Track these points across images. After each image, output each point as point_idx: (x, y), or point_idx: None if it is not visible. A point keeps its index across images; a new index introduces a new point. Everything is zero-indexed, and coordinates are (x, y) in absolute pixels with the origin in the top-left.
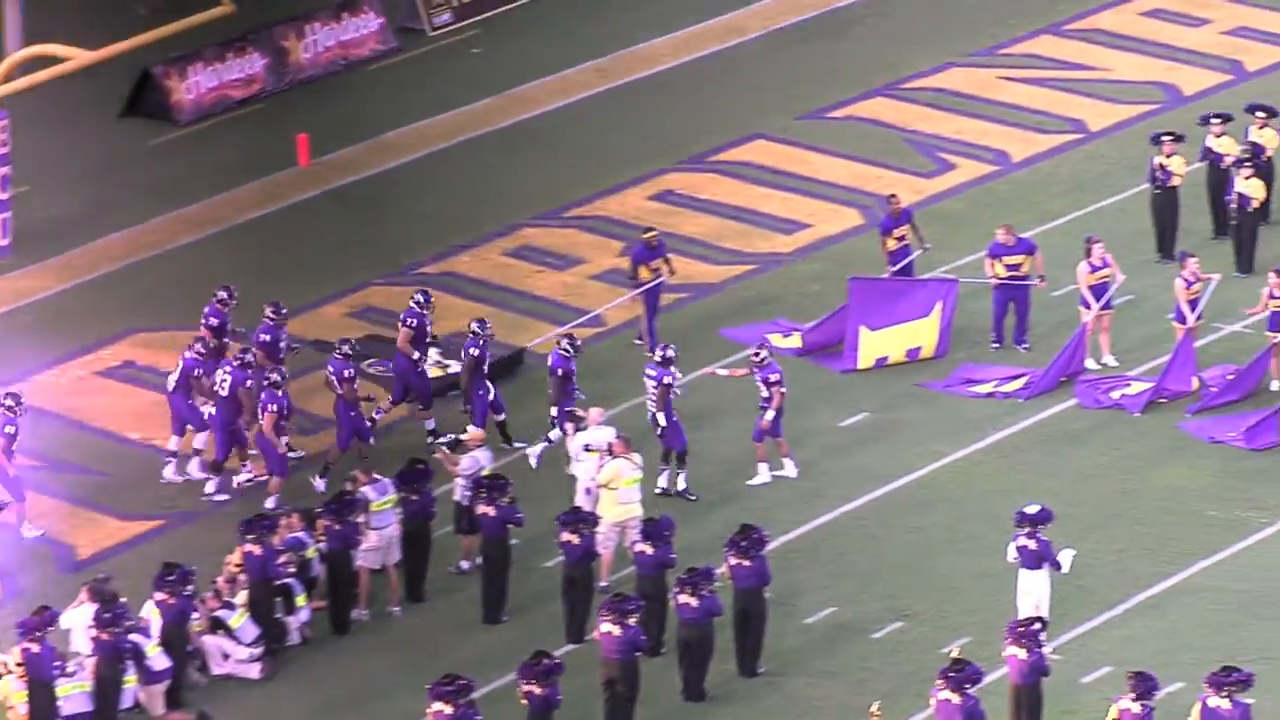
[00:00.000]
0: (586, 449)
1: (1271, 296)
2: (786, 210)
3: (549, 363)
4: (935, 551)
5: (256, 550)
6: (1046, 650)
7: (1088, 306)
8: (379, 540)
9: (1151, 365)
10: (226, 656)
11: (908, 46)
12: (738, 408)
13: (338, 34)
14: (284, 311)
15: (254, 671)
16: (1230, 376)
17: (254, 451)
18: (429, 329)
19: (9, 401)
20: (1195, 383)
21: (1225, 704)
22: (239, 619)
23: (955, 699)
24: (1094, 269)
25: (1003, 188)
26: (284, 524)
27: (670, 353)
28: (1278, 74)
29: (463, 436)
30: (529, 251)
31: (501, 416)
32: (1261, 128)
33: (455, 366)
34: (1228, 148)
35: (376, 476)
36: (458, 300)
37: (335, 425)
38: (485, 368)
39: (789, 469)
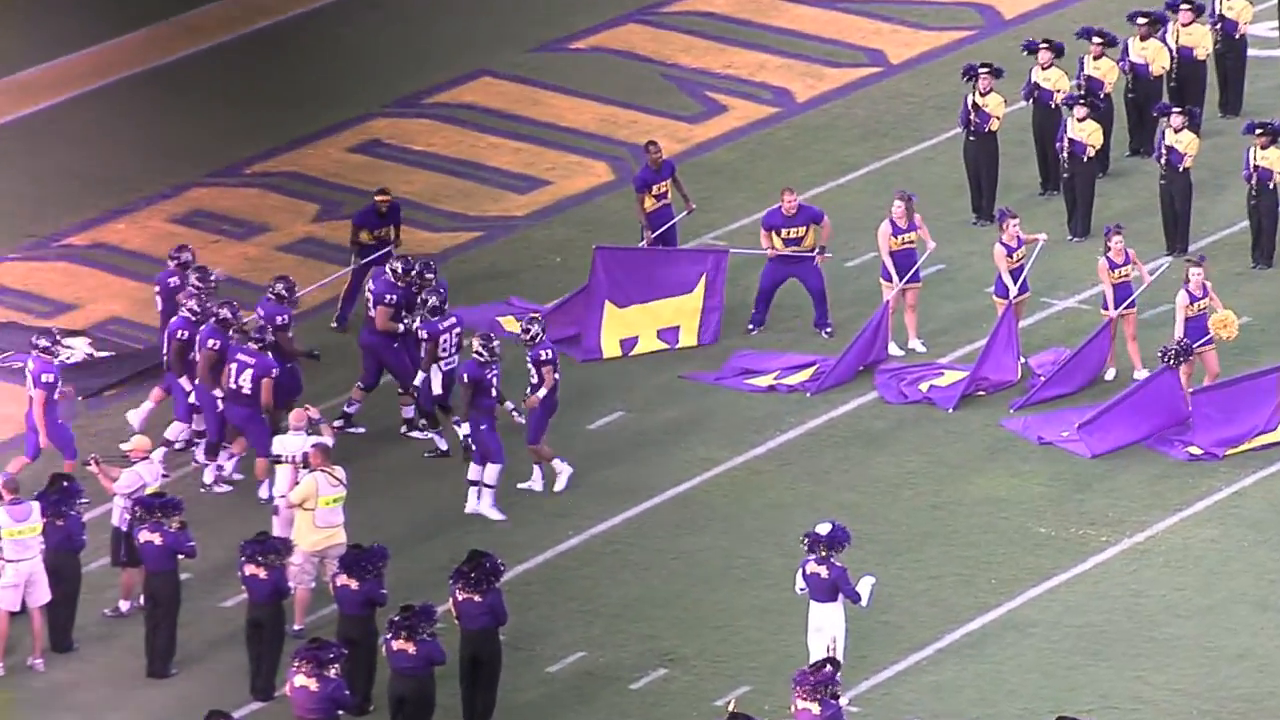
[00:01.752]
0: (276, 460)
1: (1111, 266)
2: (520, 163)
3: (459, 371)
4: (706, 581)
5: None
6: (843, 701)
7: (891, 279)
8: (17, 576)
9: (967, 350)
10: None
11: None
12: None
13: None
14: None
15: None
16: (1062, 362)
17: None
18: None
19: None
20: (1020, 370)
21: None
22: None
23: None
24: (898, 232)
25: (785, 134)
26: None
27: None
28: None
29: (125, 446)
30: (201, 217)
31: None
32: (1098, 58)
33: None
34: (1058, 83)
35: (18, 496)
36: (111, 278)
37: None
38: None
39: (537, 480)
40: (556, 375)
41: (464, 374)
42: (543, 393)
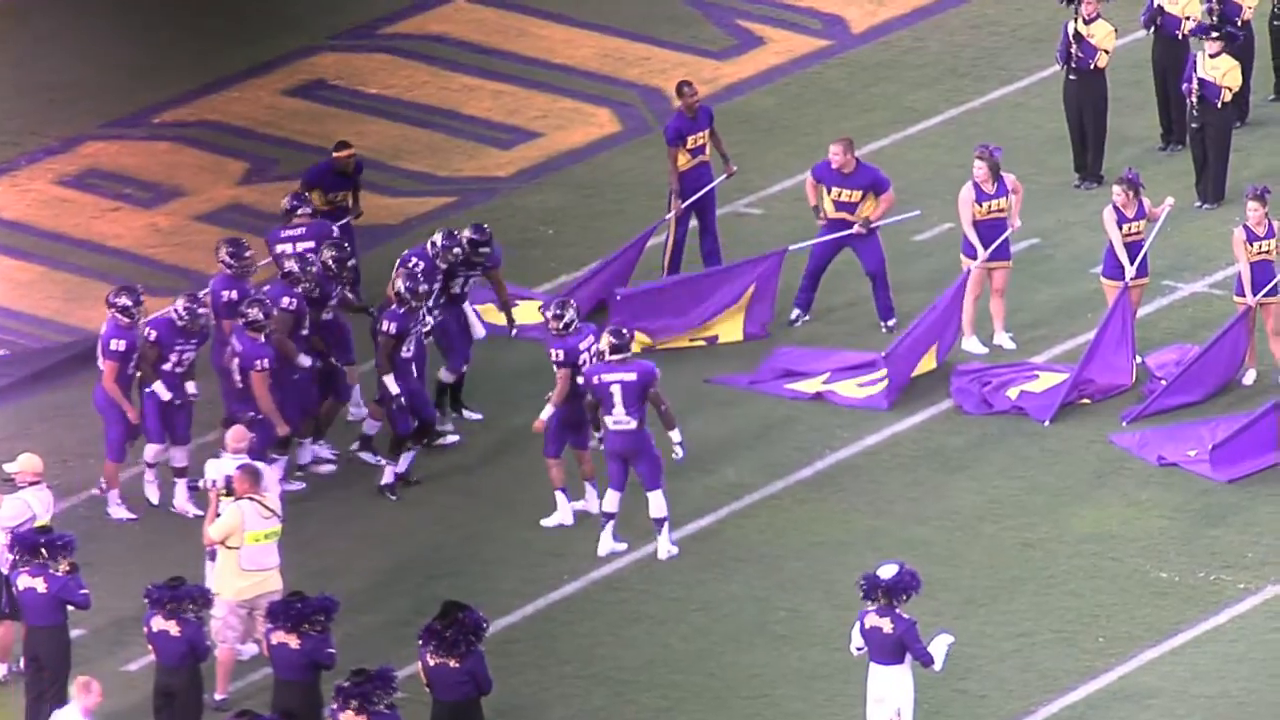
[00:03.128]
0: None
1: (1250, 238)
2: (502, 111)
3: (588, 381)
4: (736, 639)
5: None
6: None
7: (973, 255)
8: None
9: (1068, 346)
10: None
11: None
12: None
13: None
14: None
15: None
16: (1189, 362)
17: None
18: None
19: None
20: (1135, 373)
21: None
22: None
23: None
24: (984, 198)
25: (837, 73)
26: None
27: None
28: None
29: (10, 467)
30: (97, 178)
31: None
32: None
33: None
34: (1187, 7)
35: None
36: None
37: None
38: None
39: (591, 499)
40: (567, 376)
41: (633, 381)
42: (547, 411)
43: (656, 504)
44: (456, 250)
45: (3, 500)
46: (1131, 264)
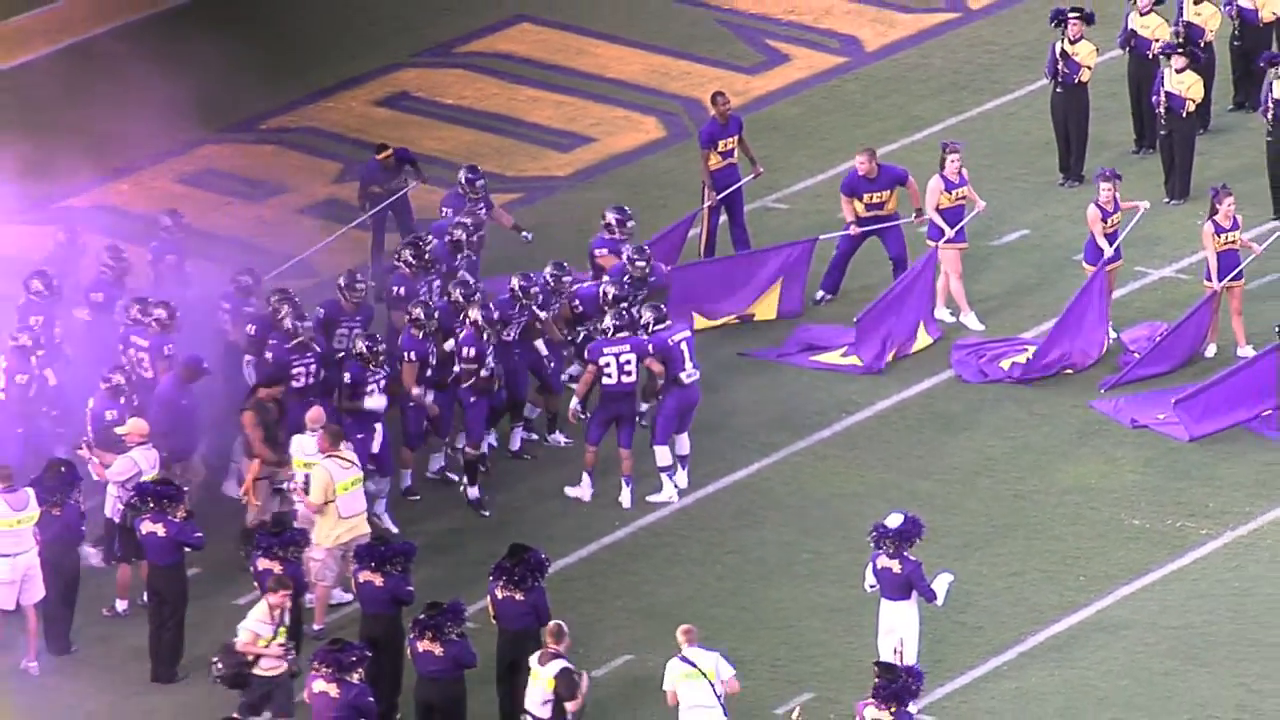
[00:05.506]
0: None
1: (1218, 230)
2: (561, 119)
3: (662, 347)
4: (766, 578)
5: None
6: (916, 709)
7: (938, 237)
8: (11, 572)
9: (1051, 324)
10: None
11: None
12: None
13: None
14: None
15: None
16: (1159, 338)
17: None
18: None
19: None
20: (1108, 345)
21: None
22: None
23: None
24: (951, 187)
25: (853, 86)
26: None
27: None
28: None
29: (120, 430)
30: (212, 177)
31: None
32: (1199, 1)
33: None
34: (1157, 30)
35: (12, 484)
36: None
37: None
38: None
39: (586, 488)
40: (657, 366)
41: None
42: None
43: (685, 444)
44: (641, 264)
45: (115, 459)
46: (1110, 247)
